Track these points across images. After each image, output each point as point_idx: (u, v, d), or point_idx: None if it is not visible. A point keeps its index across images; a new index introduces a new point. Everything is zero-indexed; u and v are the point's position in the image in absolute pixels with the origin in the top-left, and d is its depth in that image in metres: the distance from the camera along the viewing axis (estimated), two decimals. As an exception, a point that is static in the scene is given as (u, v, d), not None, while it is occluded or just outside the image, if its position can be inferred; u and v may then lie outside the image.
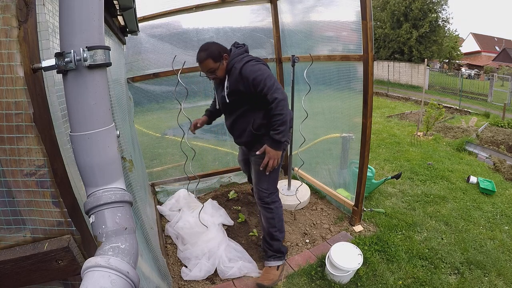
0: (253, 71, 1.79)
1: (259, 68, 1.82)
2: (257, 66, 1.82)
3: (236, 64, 1.85)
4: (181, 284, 2.06)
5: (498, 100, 11.86)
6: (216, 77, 1.88)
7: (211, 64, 1.81)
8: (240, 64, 1.84)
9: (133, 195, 1.43)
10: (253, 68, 1.81)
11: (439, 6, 19.15)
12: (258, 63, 1.87)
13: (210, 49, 1.80)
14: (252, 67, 1.81)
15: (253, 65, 1.83)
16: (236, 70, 1.84)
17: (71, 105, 0.65)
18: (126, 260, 0.63)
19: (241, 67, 1.81)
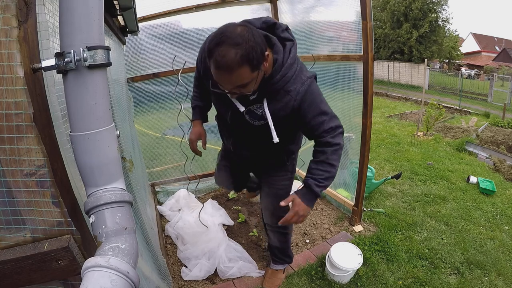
0: (318, 106, 1.23)
1: (322, 99, 1.27)
2: (321, 96, 1.28)
3: (291, 86, 1.18)
4: (181, 284, 2.06)
5: (498, 100, 11.86)
6: (243, 93, 1.12)
7: (246, 76, 1.02)
8: (298, 87, 1.19)
9: (133, 195, 1.43)
10: (317, 99, 1.24)
11: (439, 6, 19.15)
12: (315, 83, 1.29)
13: (248, 46, 0.97)
14: (318, 98, 1.24)
15: (318, 93, 1.25)
16: (289, 97, 1.20)
17: (71, 105, 0.65)
18: (126, 260, 0.63)
19: (303, 96, 1.20)
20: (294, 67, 1.19)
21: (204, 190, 3.25)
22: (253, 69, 1.02)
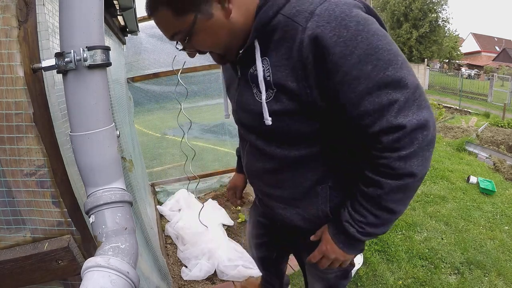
0: (372, 58, 0.60)
1: (383, 44, 0.61)
2: (379, 37, 0.61)
3: (296, 16, 0.63)
4: (181, 284, 2.06)
5: (498, 100, 11.86)
6: (200, 51, 0.76)
7: (169, 21, 0.67)
8: (311, 9, 0.61)
9: (133, 195, 1.43)
10: (369, 39, 0.60)
11: (439, 6, 19.20)
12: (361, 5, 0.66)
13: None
14: (370, 38, 0.60)
15: (371, 30, 0.61)
16: (292, 36, 0.63)
17: (71, 105, 0.65)
18: (126, 260, 0.63)
19: (324, 27, 0.60)
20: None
21: (204, 190, 3.25)
22: (178, 12, 0.64)
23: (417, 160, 0.65)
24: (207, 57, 0.88)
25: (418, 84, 0.64)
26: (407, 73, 0.62)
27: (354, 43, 0.60)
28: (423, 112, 0.63)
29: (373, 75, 0.61)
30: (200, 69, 2.95)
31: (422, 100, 0.63)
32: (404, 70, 0.62)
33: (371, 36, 0.60)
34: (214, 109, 3.28)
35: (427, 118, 0.63)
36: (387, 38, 0.62)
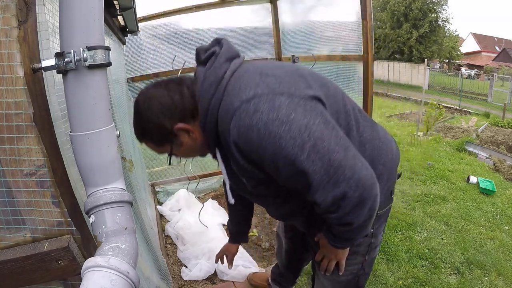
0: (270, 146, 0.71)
1: (278, 132, 0.69)
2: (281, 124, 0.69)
3: (222, 125, 0.78)
4: (181, 284, 2.06)
5: (498, 100, 11.86)
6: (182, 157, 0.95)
7: (154, 147, 0.88)
8: (228, 121, 0.74)
9: (133, 195, 1.43)
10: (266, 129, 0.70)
11: (439, 6, 19.19)
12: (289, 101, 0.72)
13: (140, 122, 0.84)
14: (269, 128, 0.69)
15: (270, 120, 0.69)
16: (225, 141, 0.80)
17: (71, 105, 0.65)
18: (126, 260, 0.63)
19: (236, 134, 0.73)
20: (210, 103, 0.77)
21: (204, 190, 3.25)
22: (157, 144, 0.86)
23: (352, 215, 0.76)
24: None
25: (335, 161, 0.70)
26: (315, 159, 0.69)
27: (262, 150, 0.71)
28: (341, 186, 0.71)
29: (286, 169, 0.73)
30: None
31: (340, 175, 0.70)
32: (311, 158, 0.69)
33: (273, 139, 0.69)
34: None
35: (344, 191, 0.71)
36: (292, 131, 0.69)
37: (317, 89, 0.80)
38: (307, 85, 0.78)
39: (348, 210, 0.75)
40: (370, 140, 0.94)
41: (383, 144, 0.99)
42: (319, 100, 0.77)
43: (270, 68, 0.81)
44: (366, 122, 0.97)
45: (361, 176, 0.72)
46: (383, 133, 1.03)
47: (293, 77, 0.79)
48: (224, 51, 0.81)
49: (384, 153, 0.98)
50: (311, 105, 0.73)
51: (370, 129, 0.97)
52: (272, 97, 0.71)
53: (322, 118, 0.72)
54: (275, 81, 0.74)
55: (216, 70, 0.78)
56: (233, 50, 0.84)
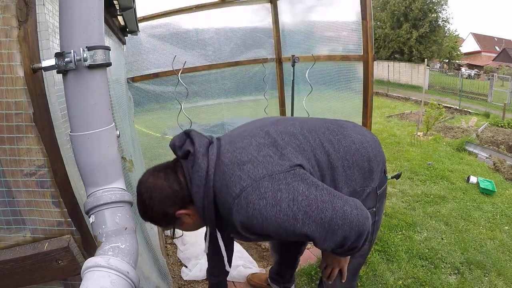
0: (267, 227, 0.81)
1: (273, 214, 0.79)
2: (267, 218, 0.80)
3: (224, 210, 0.88)
4: (181, 284, 2.06)
5: (498, 100, 11.86)
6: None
7: (160, 226, 1.08)
8: (234, 214, 0.82)
9: (133, 195, 1.42)
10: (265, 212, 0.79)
11: (439, 6, 19.18)
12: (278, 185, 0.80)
13: (144, 206, 0.91)
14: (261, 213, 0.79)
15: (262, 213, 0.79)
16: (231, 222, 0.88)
17: (71, 105, 0.65)
18: (126, 260, 0.63)
19: (235, 222, 0.85)
20: (204, 203, 0.87)
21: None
22: (161, 225, 0.99)
23: (354, 245, 0.87)
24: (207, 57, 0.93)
25: (326, 217, 0.80)
26: (310, 222, 0.80)
27: (266, 229, 0.82)
28: (338, 233, 0.82)
29: (290, 236, 0.83)
30: (200, 69, 2.96)
31: (334, 226, 0.81)
32: (306, 223, 0.80)
33: (271, 220, 0.79)
34: (214, 109, 3.28)
35: (342, 236, 0.83)
36: (283, 209, 0.78)
37: (288, 153, 0.87)
38: (280, 154, 0.86)
39: (351, 244, 0.86)
40: (350, 147, 1.01)
41: (359, 145, 1.04)
42: (294, 166, 0.85)
43: (242, 147, 0.88)
44: (337, 136, 1.02)
45: (352, 219, 0.82)
46: (354, 133, 1.07)
47: (265, 150, 0.87)
48: (197, 148, 0.87)
49: (364, 151, 1.04)
50: (291, 175, 0.82)
51: (346, 140, 1.03)
52: (256, 185, 0.79)
53: (303, 184, 0.81)
54: (252, 167, 0.82)
55: (199, 171, 0.85)
56: (204, 141, 0.90)
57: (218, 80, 3.12)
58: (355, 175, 1.02)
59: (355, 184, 1.02)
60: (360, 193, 1.05)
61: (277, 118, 1.05)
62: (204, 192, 0.86)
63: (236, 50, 3.08)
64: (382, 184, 1.15)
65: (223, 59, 3.04)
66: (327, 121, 1.10)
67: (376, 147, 1.10)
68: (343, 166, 0.98)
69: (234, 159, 0.85)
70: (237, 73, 3.19)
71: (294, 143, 0.92)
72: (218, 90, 3.16)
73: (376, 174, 1.07)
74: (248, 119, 1.14)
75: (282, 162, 0.84)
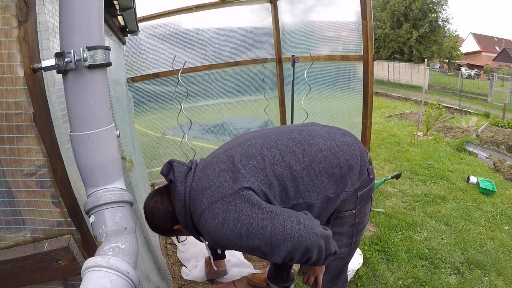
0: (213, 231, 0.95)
1: (226, 234, 0.92)
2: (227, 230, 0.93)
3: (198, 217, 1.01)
4: (181, 284, 2.06)
5: (498, 100, 11.85)
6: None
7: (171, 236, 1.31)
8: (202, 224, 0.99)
9: (133, 195, 1.43)
10: (221, 232, 0.93)
11: (439, 6, 19.17)
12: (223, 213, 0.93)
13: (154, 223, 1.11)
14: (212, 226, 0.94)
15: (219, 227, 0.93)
16: None
17: (71, 105, 0.65)
18: (126, 260, 0.63)
19: (206, 238, 1.02)
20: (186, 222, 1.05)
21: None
22: (165, 235, 1.28)
23: (305, 257, 0.95)
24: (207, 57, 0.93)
25: (266, 233, 0.90)
26: (253, 238, 0.91)
27: (222, 244, 0.98)
28: (281, 247, 0.91)
29: (242, 250, 1.02)
30: (200, 69, 2.96)
31: (275, 241, 0.91)
32: (250, 239, 0.91)
33: (222, 236, 0.93)
34: (214, 109, 3.28)
35: (286, 250, 0.92)
36: (230, 227, 0.91)
37: (241, 177, 0.97)
38: (234, 178, 0.97)
39: (300, 257, 0.94)
40: (317, 155, 1.06)
41: (327, 151, 1.07)
42: (243, 189, 0.95)
43: (207, 174, 1.01)
44: (302, 146, 1.07)
45: (293, 234, 0.90)
46: (323, 139, 1.10)
47: (223, 175, 0.98)
48: (176, 177, 1.03)
49: (334, 157, 1.07)
50: (239, 197, 0.93)
51: (312, 148, 1.06)
52: (212, 207, 0.93)
53: (249, 204, 0.92)
54: (211, 192, 0.95)
55: (178, 196, 1.01)
56: (183, 169, 1.05)
57: (218, 80, 3.12)
58: (325, 183, 1.05)
59: (326, 191, 1.06)
60: (334, 199, 1.09)
61: (246, 137, 1.12)
62: (184, 213, 1.02)
63: (236, 50, 3.08)
64: (365, 186, 1.17)
65: (223, 59, 3.04)
66: (295, 130, 1.14)
67: (350, 150, 1.10)
68: (309, 176, 1.03)
69: (200, 186, 0.99)
70: (237, 73, 3.19)
71: (251, 164, 1.01)
72: (218, 90, 3.16)
73: (350, 178, 1.09)
74: (248, 119, 1.16)
75: (234, 186, 0.95)
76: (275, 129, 1.19)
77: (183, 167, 1.06)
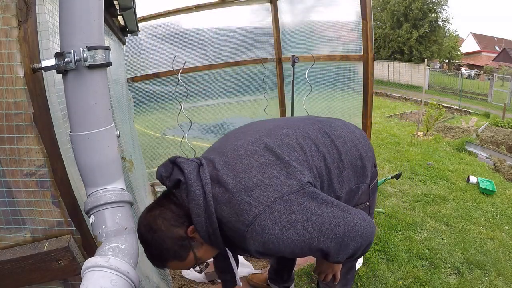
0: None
1: (288, 237, 0.79)
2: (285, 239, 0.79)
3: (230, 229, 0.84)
4: (181, 284, 2.06)
5: (498, 100, 11.85)
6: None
7: (178, 265, 0.88)
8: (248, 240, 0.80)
9: (133, 195, 1.43)
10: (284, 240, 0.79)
11: (439, 6, 19.17)
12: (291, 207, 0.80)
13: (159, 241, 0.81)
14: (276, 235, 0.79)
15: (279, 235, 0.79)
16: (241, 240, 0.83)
17: (71, 105, 0.65)
18: (126, 260, 0.63)
19: (249, 249, 0.84)
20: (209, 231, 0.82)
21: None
22: (181, 258, 0.85)
23: (360, 255, 0.94)
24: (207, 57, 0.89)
25: (339, 233, 0.82)
26: (325, 239, 0.81)
27: (282, 251, 0.82)
28: (350, 246, 0.85)
29: (305, 253, 0.87)
30: (200, 69, 2.96)
31: (347, 239, 0.84)
32: (321, 240, 0.81)
33: (287, 242, 0.79)
34: (214, 109, 3.28)
35: (354, 248, 0.86)
36: (299, 230, 0.79)
37: (294, 171, 0.85)
38: (286, 173, 0.83)
39: (361, 253, 0.91)
40: (342, 147, 1.01)
41: (350, 143, 1.04)
42: (303, 185, 0.83)
43: (244, 170, 0.83)
44: (331, 137, 1.01)
45: (362, 230, 0.85)
46: (344, 132, 1.06)
47: (269, 170, 0.83)
48: (188, 175, 0.82)
49: (355, 150, 1.04)
50: (301, 195, 0.81)
51: (339, 140, 1.02)
52: (269, 209, 0.77)
53: (314, 202, 0.81)
54: (261, 191, 0.79)
55: (195, 199, 0.80)
56: (193, 166, 0.85)
57: (218, 80, 3.12)
58: (350, 175, 1.01)
59: (350, 183, 1.02)
60: (355, 190, 1.05)
61: (267, 127, 0.98)
62: (206, 220, 0.81)
63: (236, 50, 3.08)
64: (373, 178, 1.17)
65: (223, 59, 3.04)
66: (317, 121, 1.07)
67: (366, 143, 1.10)
68: (338, 168, 0.98)
69: (239, 185, 0.80)
70: (237, 73, 3.19)
71: (294, 156, 0.88)
72: (218, 90, 3.16)
73: (368, 170, 1.08)
74: (248, 119, 1.10)
75: (290, 182, 0.82)
76: (294, 119, 1.09)
77: (191, 163, 0.86)
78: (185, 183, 0.82)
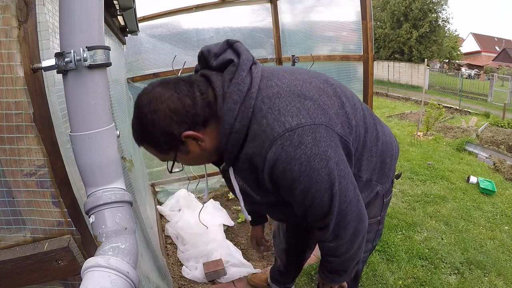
0: (301, 188, 0.75)
1: (316, 169, 0.72)
2: (314, 168, 0.72)
3: (249, 149, 0.74)
4: (181, 284, 2.06)
5: (498, 100, 11.86)
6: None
7: (155, 153, 0.81)
8: (261, 150, 0.72)
9: (133, 195, 1.43)
10: (301, 173, 0.72)
11: (439, 6, 19.17)
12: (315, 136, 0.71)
13: (150, 122, 0.73)
14: (304, 171, 0.72)
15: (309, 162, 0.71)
16: (249, 162, 0.76)
17: (71, 105, 0.65)
18: (126, 260, 0.63)
19: (272, 166, 0.72)
20: (235, 123, 0.71)
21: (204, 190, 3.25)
22: (160, 151, 0.78)
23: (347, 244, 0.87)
24: None
25: (346, 199, 0.78)
26: (337, 196, 0.76)
27: (297, 183, 0.73)
28: (347, 219, 0.81)
29: (316, 202, 0.77)
30: (200, 69, 2.95)
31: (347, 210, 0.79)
32: (336, 195, 0.75)
33: (312, 173, 0.72)
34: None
35: (352, 230, 0.83)
36: (328, 168, 0.72)
37: (346, 115, 0.79)
38: (337, 112, 0.78)
39: (348, 239, 0.85)
40: (382, 136, 0.99)
41: (389, 138, 1.04)
42: (347, 137, 0.79)
43: (302, 79, 0.77)
44: (374, 120, 0.99)
45: (361, 212, 0.83)
46: (386, 128, 1.07)
47: (325, 97, 0.77)
48: (244, 61, 0.74)
49: (390, 146, 1.03)
50: (339, 141, 0.76)
51: (380, 126, 1.00)
52: (314, 128, 0.70)
53: (342, 162, 0.76)
54: (314, 106, 0.72)
55: (240, 84, 0.71)
56: (250, 57, 0.77)
57: (218, 80, 3.12)
58: (376, 165, 0.95)
59: (373, 175, 0.96)
60: (374, 186, 0.99)
61: (299, 76, 0.82)
62: (239, 112, 0.70)
63: (236, 50, 3.08)
64: (389, 193, 1.14)
65: (223, 59, 3.04)
66: (365, 105, 0.99)
67: (398, 151, 1.09)
68: (371, 151, 0.92)
69: (294, 88, 0.73)
70: (237, 73, 3.19)
71: (348, 105, 0.82)
72: (218, 90, 3.15)
73: (391, 174, 1.04)
74: None
75: (337, 121, 0.76)
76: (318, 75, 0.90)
77: (249, 54, 0.77)
78: (236, 65, 0.74)
